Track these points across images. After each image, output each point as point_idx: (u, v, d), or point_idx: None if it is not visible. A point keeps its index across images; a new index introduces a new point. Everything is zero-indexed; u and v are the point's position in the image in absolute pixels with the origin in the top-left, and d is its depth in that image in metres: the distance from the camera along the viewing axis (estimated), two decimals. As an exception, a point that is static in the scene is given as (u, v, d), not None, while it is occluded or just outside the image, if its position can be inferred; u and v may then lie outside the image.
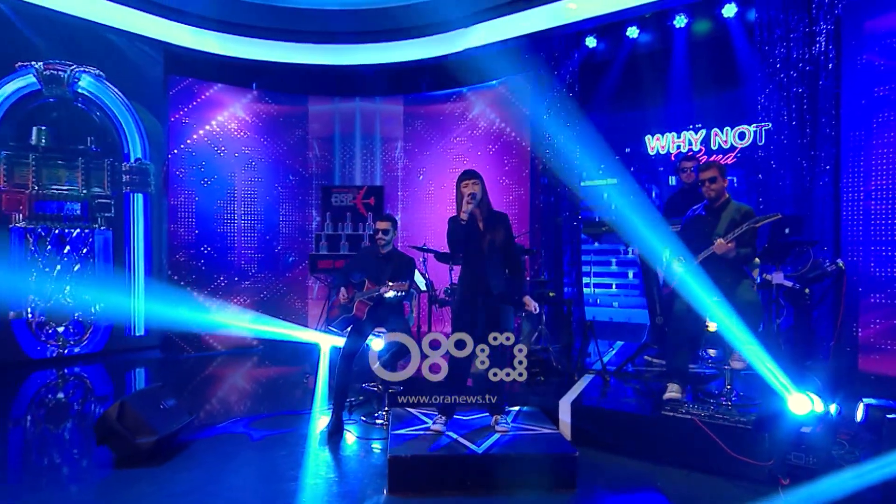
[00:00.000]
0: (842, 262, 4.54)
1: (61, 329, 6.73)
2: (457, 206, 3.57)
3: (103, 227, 7.03)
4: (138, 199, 7.31)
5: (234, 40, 7.67)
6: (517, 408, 4.01)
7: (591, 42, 6.73)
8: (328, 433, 4.06)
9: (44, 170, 6.63)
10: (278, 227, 8.08)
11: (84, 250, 6.88)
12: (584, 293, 7.16)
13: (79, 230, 6.85)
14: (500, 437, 3.47)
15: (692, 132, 6.52)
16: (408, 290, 4.14)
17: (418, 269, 4.80)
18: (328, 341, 5.31)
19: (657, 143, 6.78)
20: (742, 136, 6.14)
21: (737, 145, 6.19)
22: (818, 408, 3.27)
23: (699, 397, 3.94)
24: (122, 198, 7.19)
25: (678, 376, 3.88)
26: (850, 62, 5.02)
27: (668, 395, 3.81)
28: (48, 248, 6.62)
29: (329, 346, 5.32)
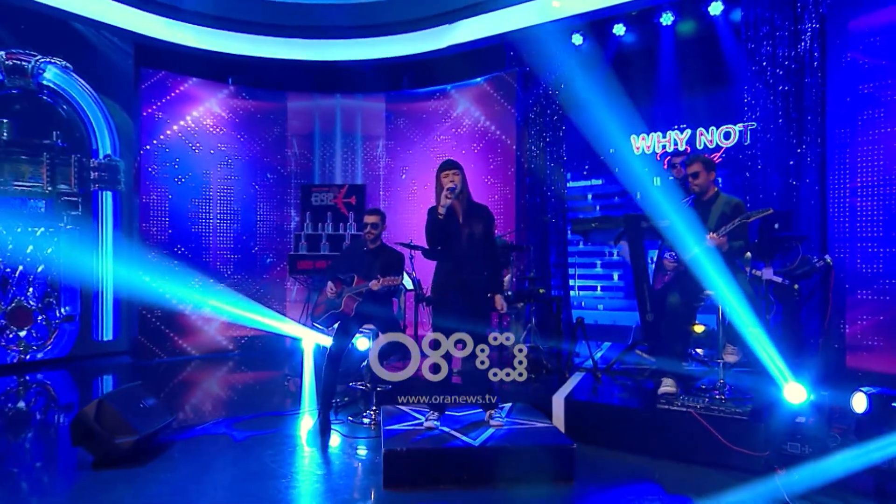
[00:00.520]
0: (830, 258, 4.55)
1: (23, 333, 6.36)
2: (436, 197, 3.52)
3: (70, 227, 6.68)
4: (107, 197, 6.99)
5: (210, 33, 7.45)
6: (510, 404, 3.94)
7: (577, 40, 6.67)
8: (315, 433, 3.94)
9: (5, 164, 6.26)
10: (255, 226, 7.83)
11: (49, 250, 6.53)
12: (570, 296, 7.09)
13: (43, 229, 6.50)
14: (495, 430, 3.39)
15: (678, 132, 6.52)
16: (398, 284, 4.01)
17: (405, 266, 4.66)
18: (311, 337, 5.10)
19: (642, 143, 6.76)
20: (727, 135, 6.16)
21: (722, 145, 6.21)
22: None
23: (692, 392, 3.89)
24: (90, 196, 6.86)
25: (673, 367, 3.84)
26: (834, 60, 5.08)
27: (662, 390, 3.77)
28: (10, 247, 6.26)
29: (312, 343, 5.12)
